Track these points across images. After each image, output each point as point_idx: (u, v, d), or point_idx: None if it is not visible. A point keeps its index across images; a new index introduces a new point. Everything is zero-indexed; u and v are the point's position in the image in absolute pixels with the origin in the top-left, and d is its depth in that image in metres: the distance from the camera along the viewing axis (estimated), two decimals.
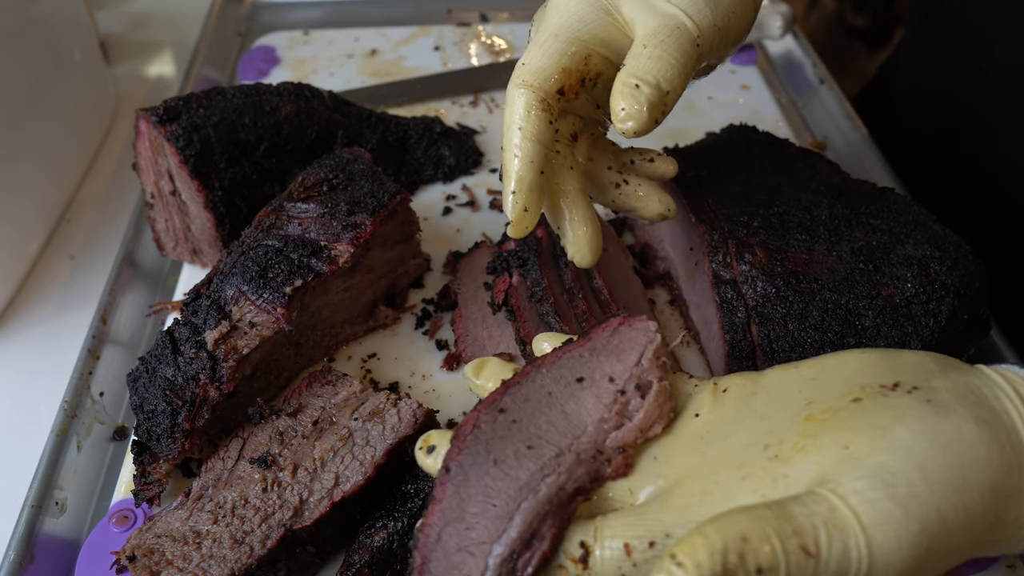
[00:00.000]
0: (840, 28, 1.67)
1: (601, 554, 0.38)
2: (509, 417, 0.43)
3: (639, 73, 0.47)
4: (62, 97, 0.84)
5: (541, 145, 0.49)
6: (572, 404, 0.44)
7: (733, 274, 0.60)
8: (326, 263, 0.59)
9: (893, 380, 0.40)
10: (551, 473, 0.41)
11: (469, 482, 0.41)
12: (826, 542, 0.34)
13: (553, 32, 0.50)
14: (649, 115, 0.46)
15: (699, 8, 0.49)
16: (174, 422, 0.54)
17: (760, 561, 0.34)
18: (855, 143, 0.89)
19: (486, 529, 0.39)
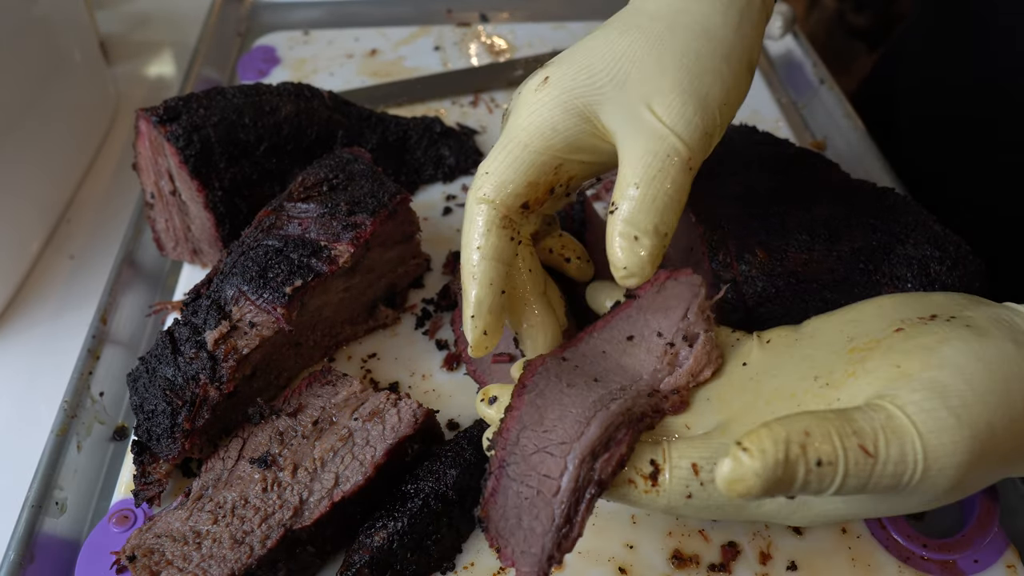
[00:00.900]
0: (840, 28, 1.67)
1: (670, 473, 0.40)
2: (571, 363, 0.46)
3: (636, 222, 0.43)
4: (62, 97, 0.84)
5: (501, 264, 0.47)
6: (626, 359, 0.46)
7: (733, 274, 0.60)
8: (326, 263, 0.59)
9: (930, 313, 0.42)
10: (618, 397, 0.43)
11: (545, 396, 0.43)
12: (884, 444, 0.36)
13: (522, 140, 0.47)
14: (652, 265, 0.44)
15: (688, 121, 0.44)
16: (174, 422, 0.54)
17: (821, 455, 0.35)
18: (855, 143, 0.89)
19: (566, 432, 0.41)
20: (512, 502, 0.41)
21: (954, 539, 0.55)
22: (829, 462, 0.35)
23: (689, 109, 0.44)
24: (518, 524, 0.40)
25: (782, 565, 0.54)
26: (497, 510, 0.41)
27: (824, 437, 0.35)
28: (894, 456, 0.36)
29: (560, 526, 0.40)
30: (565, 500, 0.40)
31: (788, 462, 0.34)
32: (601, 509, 0.57)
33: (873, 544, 0.55)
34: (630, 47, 0.46)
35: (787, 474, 0.34)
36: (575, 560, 0.54)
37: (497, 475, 0.41)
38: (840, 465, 0.35)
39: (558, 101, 0.46)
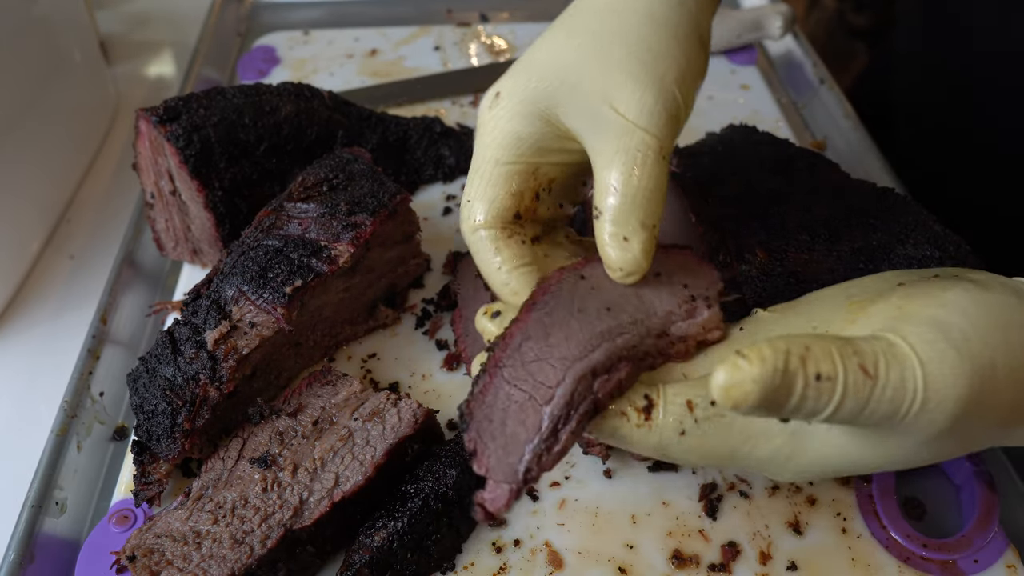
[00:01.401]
0: (840, 28, 1.67)
1: (664, 407, 0.40)
2: (589, 284, 0.45)
3: (622, 224, 0.43)
4: (62, 97, 0.84)
5: (528, 267, 0.47)
6: (647, 291, 0.46)
7: (733, 274, 0.60)
8: (326, 263, 0.59)
9: (932, 275, 0.42)
10: (627, 332, 0.43)
11: (553, 316, 0.42)
12: (884, 367, 0.35)
13: (492, 158, 0.47)
14: (646, 258, 0.44)
15: (651, 111, 0.43)
16: (174, 422, 0.54)
17: (820, 369, 0.34)
18: (855, 143, 0.89)
19: (570, 349, 0.41)
20: (501, 403, 0.40)
21: (954, 539, 0.55)
22: (828, 377, 0.34)
23: (649, 98, 0.43)
24: (502, 428, 0.39)
25: (782, 565, 0.54)
26: (483, 409, 0.40)
27: (825, 353, 0.35)
28: (893, 380, 0.35)
29: (545, 437, 0.39)
30: (556, 409, 0.39)
31: (787, 371, 0.34)
32: (601, 509, 0.57)
33: (873, 544, 0.55)
34: (578, 47, 0.46)
35: (785, 384, 0.34)
36: (575, 560, 0.54)
37: (491, 373, 0.41)
38: (839, 382, 0.35)
39: (514, 112, 0.47)
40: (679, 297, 0.46)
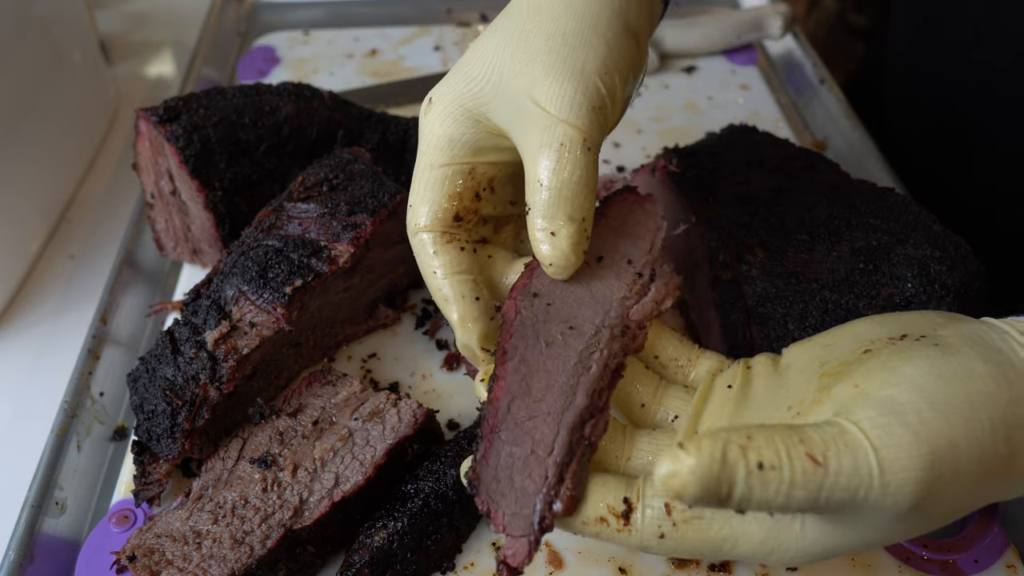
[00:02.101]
0: (840, 28, 1.67)
1: (642, 512, 0.40)
2: (544, 300, 0.46)
3: (550, 218, 0.44)
4: (62, 97, 0.84)
5: (464, 275, 0.47)
6: (596, 283, 0.47)
7: (733, 274, 0.60)
8: (326, 263, 0.59)
9: (901, 332, 0.41)
10: (595, 350, 0.44)
11: (528, 362, 0.43)
12: (834, 455, 0.34)
13: (428, 162, 0.48)
14: (576, 253, 0.44)
15: (571, 102, 0.43)
16: (174, 422, 0.54)
17: (762, 458, 0.34)
18: (855, 143, 0.89)
19: (555, 401, 0.42)
20: (504, 463, 0.41)
21: (954, 539, 0.55)
22: (772, 466, 0.34)
23: (569, 89, 0.43)
24: (510, 484, 0.40)
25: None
26: (488, 471, 0.41)
27: (767, 442, 0.34)
28: (846, 468, 0.34)
29: (553, 484, 0.40)
30: (559, 458, 0.41)
31: (726, 461, 0.33)
32: None
33: None
34: (499, 45, 0.46)
35: (725, 473, 0.33)
36: (575, 560, 0.54)
37: (489, 439, 0.41)
38: (784, 471, 0.34)
39: (444, 115, 0.47)
40: (626, 279, 0.47)
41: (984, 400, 0.36)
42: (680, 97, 0.97)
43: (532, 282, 0.47)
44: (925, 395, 0.36)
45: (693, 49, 1.02)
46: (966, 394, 0.36)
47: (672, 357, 0.48)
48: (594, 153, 0.44)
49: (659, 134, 0.91)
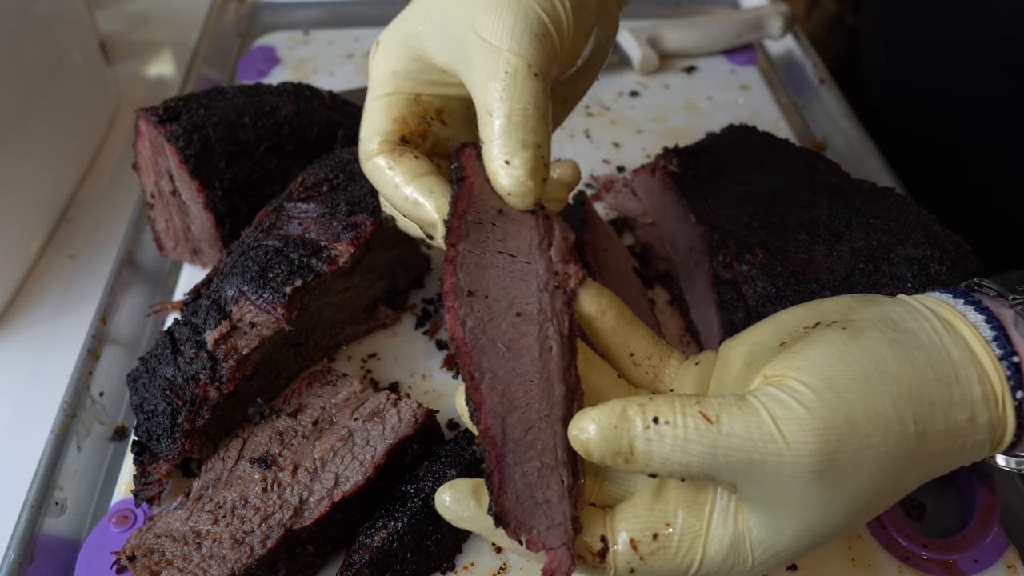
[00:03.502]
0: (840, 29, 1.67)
1: (613, 551, 0.41)
2: (480, 296, 0.44)
3: (501, 148, 0.43)
4: (62, 97, 0.84)
5: (427, 176, 0.46)
6: (510, 240, 0.46)
7: (733, 274, 0.60)
8: (326, 263, 0.59)
9: (815, 320, 0.43)
10: (547, 324, 0.44)
11: (498, 376, 0.42)
12: (727, 416, 0.37)
13: (373, 95, 0.49)
14: (534, 179, 0.44)
15: (511, 31, 0.43)
16: (174, 422, 0.54)
17: (659, 413, 0.37)
18: (855, 143, 0.89)
19: (540, 403, 0.42)
20: (521, 485, 0.41)
21: (954, 539, 0.55)
22: (666, 421, 0.37)
23: (507, 19, 0.44)
24: (534, 503, 0.41)
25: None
26: (510, 501, 0.41)
27: (665, 402, 0.38)
28: (739, 428, 0.37)
29: (571, 485, 0.41)
30: (566, 459, 0.41)
31: (625, 416, 0.37)
32: None
33: (873, 544, 0.55)
34: None
35: (624, 426, 0.37)
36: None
37: (499, 470, 0.41)
38: (679, 426, 0.37)
39: (388, 53, 0.48)
40: (530, 222, 0.46)
41: (885, 379, 0.38)
42: (680, 97, 0.97)
43: (459, 278, 0.44)
44: (824, 377, 0.38)
45: (693, 49, 1.02)
46: (865, 374, 0.38)
47: (646, 355, 0.48)
48: (542, 80, 0.44)
49: (659, 134, 0.91)
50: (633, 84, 0.99)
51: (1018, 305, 0.40)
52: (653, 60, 0.99)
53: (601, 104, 0.96)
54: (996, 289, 0.42)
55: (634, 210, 0.77)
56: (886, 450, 0.37)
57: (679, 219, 0.68)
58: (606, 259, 0.68)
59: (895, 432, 0.38)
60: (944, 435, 0.38)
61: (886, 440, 0.37)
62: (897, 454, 0.38)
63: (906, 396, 0.38)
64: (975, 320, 0.40)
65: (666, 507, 0.41)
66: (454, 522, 0.43)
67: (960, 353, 0.39)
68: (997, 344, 0.39)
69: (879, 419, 0.37)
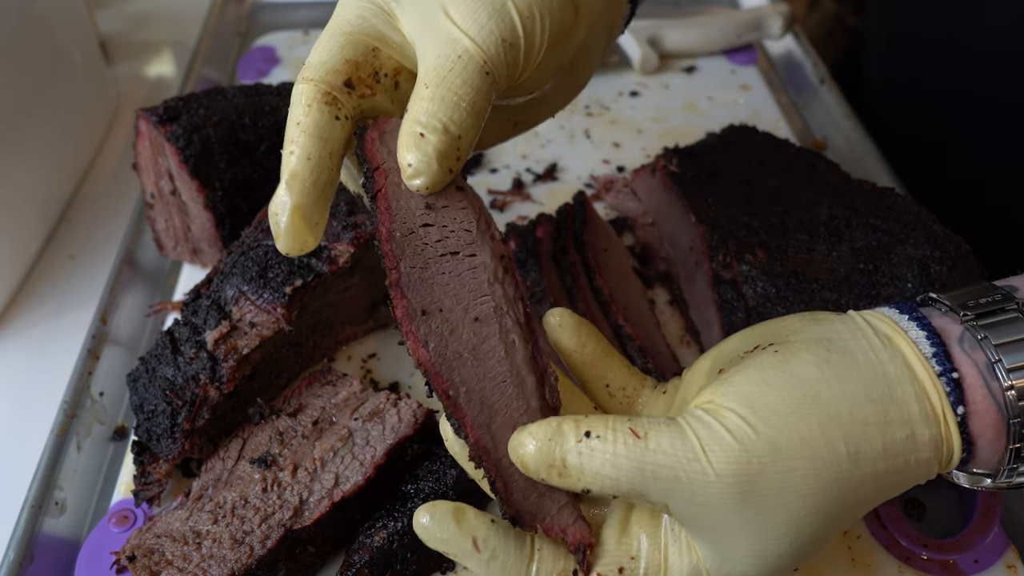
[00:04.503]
0: (840, 29, 1.67)
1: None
2: (434, 311, 0.42)
3: (422, 119, 0.41)
4: (62, 97, 0.84)
5: (323, 141, 0.42)
6: (447, 235, 0.43)
7: (733, 274, 0.60)
8: (326, 263, 0.59)
9: (755, 344, 0.43)
10: (504, 317, 0.43)
11: (472, 388, 0.42)
12: (655, 433, 0.38)
13: (333, 29, 0.45)
14: (440, 166, 0.41)
15: (482, 25, 0.42)
16: (174, 422, 0.54)
17: (591, 428, 0.39)
18: (855, 143, 0.89)
19: (516, 400, 0.42)
20: (525, 484, 0.42)
21: (954, 539, 0.55)
22: (598, 435, 0.39)
23: (483, 14, 0.42)
24: (538, 495, 0.42)
25: None
26: (518, 500, 0.42)
27: (598, 419, 0.39)
28: (664, 445, 0.38)
29: None
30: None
31: (560, 431, 0.39)
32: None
33: (873, 544, 0.55)
34: None
35: (558, 439, 0.39)
36: None
37: (502, 479, 0.41)
38: (609, 440, 0.38)
39: (360, 2, 0.45)
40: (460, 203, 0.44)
41: (810, 403, 0.38)
42: (680, 97, 0.97)
43: (409, 300, 0.41)
44: (749, 402, 0.38)
45: (693, 49, 1.02)
46: (790, 399, 0.38)
47: (620, 386, 0.48)
48: (490, 83, 0.42)
49: (659, 134, 0.91)
50: (633, 84, 0.99)
51: (969, 321, 0.40)
52: (653, 60, 0.99)
53: (601, 104, 0.96)
54: (948, 304, 0.41)
55: (634, 210, 0.77)
56: (815, 472, 0.37)
57: (679, 219, 0.68)
58: (606, 259, 0.68)
59: (823, 455, 0.37)
60: (883, 454, 0.38)
61: (814, 463, 0.37)
62: (830, 476, 0.38)
63: (835, 418, 0.38)
64: (916, 336, 0.40)
65: (631, 541, 0.42)
66: (430, 543, 0.43)
67: (896, 371, 0.39)
68: (936, 361, 0.39)
69: (804, 442, 0.37)
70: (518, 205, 0.82)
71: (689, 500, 0.38)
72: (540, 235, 0.65)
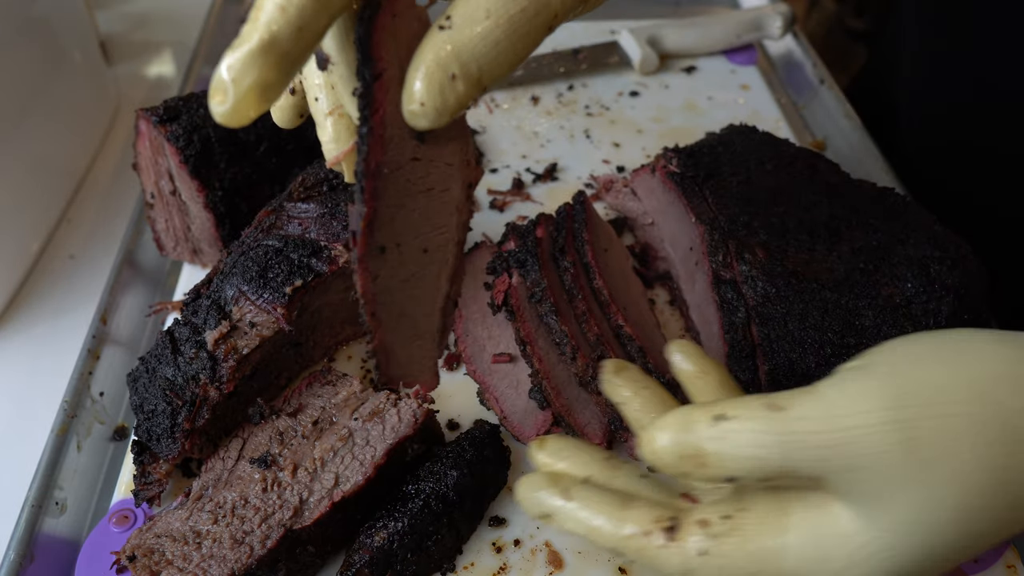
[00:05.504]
0: (840, 29, 1.67)
1: (685, 527, 0.38)
2: (391, 247, 0.38)
3: (464, 56, 0.32)
4: (62, 97, 0.84)
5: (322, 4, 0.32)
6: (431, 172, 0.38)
7: (733, 274, 0.60)
8: (326, 263, 0.59)
9: None
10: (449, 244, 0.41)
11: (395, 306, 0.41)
12: (796, 402, 0.35)
13: None
14: (453, 115, 0.34)
15: None
16: (174, 422, 0.54)
17: (724, 411, 0.36)
18: (855, 143, 0.89)
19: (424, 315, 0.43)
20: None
21: None
22: (733, 417, 0.35)
23: None
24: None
25: None
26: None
27: (729, 402, 0.36)
28: (810, 410, 0.34)
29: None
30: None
31: (690, 419, 0.36)
32: None
33: None
34: None
35: (688, 426, 0.36)
36: (575, 560, 0.54)
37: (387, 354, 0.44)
38: (746, 420, 0.35)
39: None
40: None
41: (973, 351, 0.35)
42: (680, 97, 0.97)
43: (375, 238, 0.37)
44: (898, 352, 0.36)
45: (693, 49, 1.02)
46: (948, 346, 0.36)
47: None
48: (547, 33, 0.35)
49: (659, 134, 0.91)
50: (633, 84, 0.99)
51: None
52: (653, 60, 0.99)
53: (601, 104, 0.96)
54: None
55: (634, 210, 0.77)
56: (983, 419, 0.33)
57: (679, 219, 0.68)
58: (606, 259, 0.68)
59: (991, 400, 0.33)
60: None
61: (983, 409, 0.33)
62: (997, 424, 0.33)
63: (1004, 371, 0.34)
64: None
65: (743, 494, 0.39)
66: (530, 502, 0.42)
67: None
68: None
69: (968, 386, 0.34)
70: (518, 205, 0.82)
71: (847, 465, 0.34)
72: (540, 235, 0.65)
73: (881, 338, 0.56)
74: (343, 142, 0.42)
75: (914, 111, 0.93)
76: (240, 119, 0.33)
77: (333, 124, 0.42)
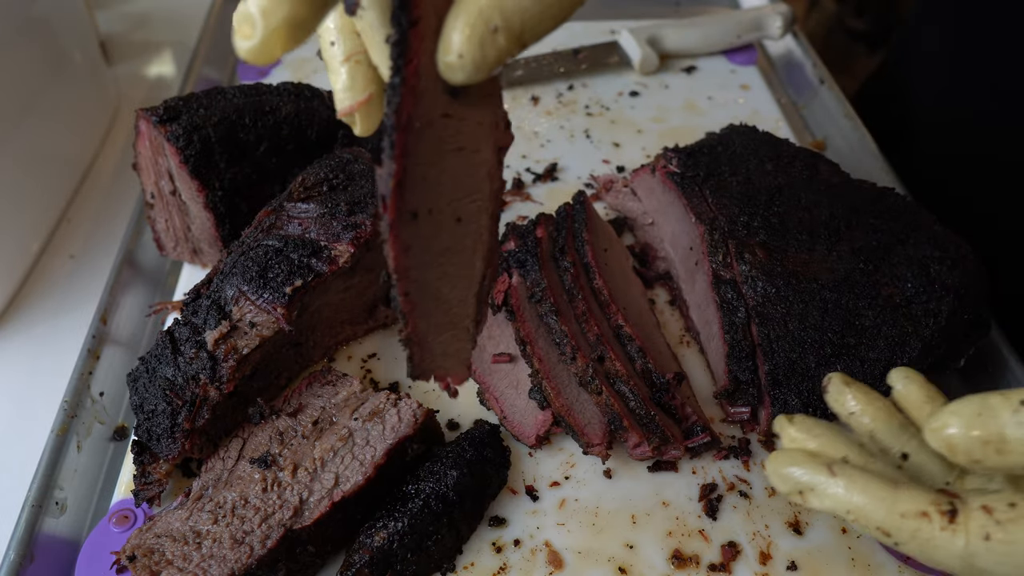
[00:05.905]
0: (840, 30, 1.67)
1: (967, 512, 0.37)
2: (423, 213, 0.37)
3: (508, 9, 0.31)
4: (62, 97, 0.84)
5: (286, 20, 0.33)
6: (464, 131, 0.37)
7: (733, 274, 0.60)
8: (326, 263, 0.59)
9: None
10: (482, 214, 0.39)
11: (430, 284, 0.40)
12: None
13: None
14: (488, 72, 0.32)
15: None
16: (174, 422, 0.54)
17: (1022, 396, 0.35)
18: (855, 143, 0.89)
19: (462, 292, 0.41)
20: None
21: None
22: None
23: None
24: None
25: (782, 565, 0.54)
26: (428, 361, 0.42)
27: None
28: None
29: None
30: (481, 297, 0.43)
31: (990, 406, 0.35)
32: (601, 509, 0.57)
33: (873, 544, 0.55)
34: None
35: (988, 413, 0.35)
36: (575, 560, 0.54)
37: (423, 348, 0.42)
38: None
39: None
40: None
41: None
42: (680, 97, 0.97)
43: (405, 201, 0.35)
44: None
45: (693, 49, 1.02)
46: None
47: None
48: None
49: (659, 134, 0.91)
50: (633, 84, 0.99)
51: None
52: (653, 60, 0.99)
53: (601, 104, 0.96)
54: None
55: (634, 210, 0.77)
56: None
57: (679, 219, 0.68)
58: (606, 259, 0.68)
59: None
60: None
61: None
62: None
63: None
64: None
65: (1019, 485, 0.37)
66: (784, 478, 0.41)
67: None
68: None
69: None
70: (518, 205, 0.82)
71: None
72: (540, 235, 0.65)
73: (881, 338, 0.56)
74: (358, 91, 0.40)
75: (931, 119, 0.92)
76: (267, 57, 0.32)
77: (349, 71, 0.40)
